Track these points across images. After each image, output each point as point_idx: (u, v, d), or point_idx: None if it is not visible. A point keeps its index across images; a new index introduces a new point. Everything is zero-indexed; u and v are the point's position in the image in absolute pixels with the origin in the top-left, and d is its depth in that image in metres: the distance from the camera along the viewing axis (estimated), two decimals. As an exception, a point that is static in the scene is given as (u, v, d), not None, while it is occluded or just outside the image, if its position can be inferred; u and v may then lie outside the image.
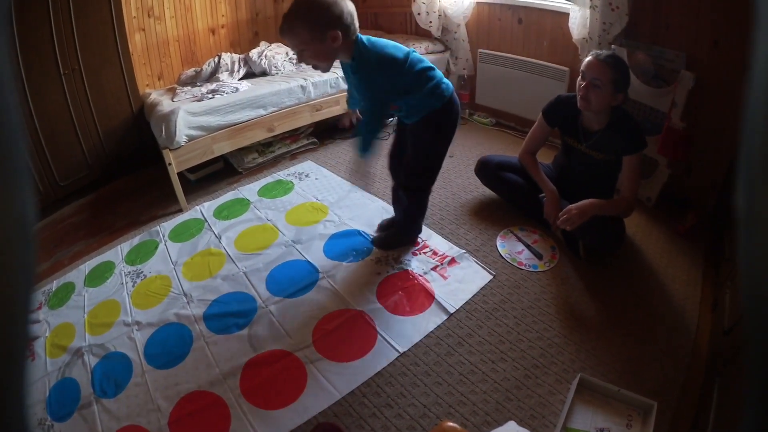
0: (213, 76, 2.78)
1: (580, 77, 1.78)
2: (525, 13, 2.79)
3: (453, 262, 1.93)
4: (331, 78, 2.76)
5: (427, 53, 3.12)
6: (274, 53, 2.94)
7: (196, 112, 2.31)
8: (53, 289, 1.93)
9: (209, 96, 2.45)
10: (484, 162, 2.24)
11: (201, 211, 2.37)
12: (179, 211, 2.40)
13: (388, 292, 1.80)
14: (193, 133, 2.32)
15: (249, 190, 2.54)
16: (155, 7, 2.65)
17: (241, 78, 2.80)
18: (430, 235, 2.09)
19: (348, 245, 2.06)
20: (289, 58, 2.99)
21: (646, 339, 1.57)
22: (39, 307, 1.84)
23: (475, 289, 1.80)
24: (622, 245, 1.88)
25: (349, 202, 2.37)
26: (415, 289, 1.81)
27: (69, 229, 2.31)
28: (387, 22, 3.64)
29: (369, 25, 3.67)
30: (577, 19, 2.38)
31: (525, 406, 1.38)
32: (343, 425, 1.34)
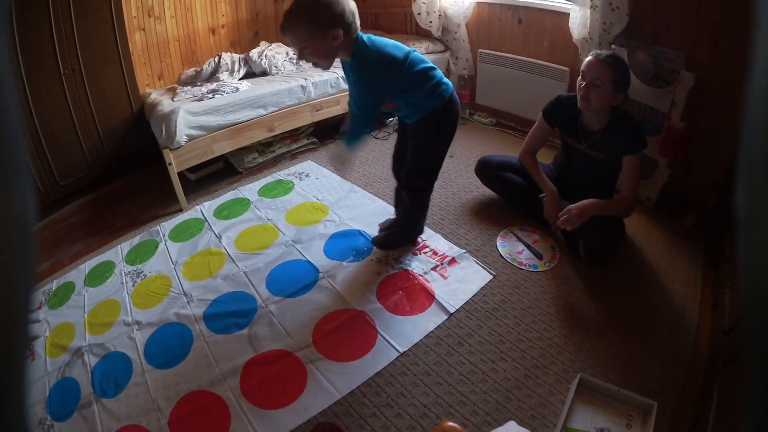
0: (213, 76, 2.78)
1: (580, 77, 1.78)
2: (525, 13, 2.79)
3: (453, 262, 1.93)
4: (331, 78, 2.76)
5: (427, 53, 3.12)
6: (275, 53, 2.94)
7: (197, 112, 2.31)
8: (53, 288, 1.93)
9: (209, 96, 2.45)
10: (484, 162, 2.24)
11: (201, 211, 2.38)
12: (179, 210, 2.40)
13: (389, 292, 1.81)
14: (194, 132, 2.33)
15: (249, 189, 2.54)
16: (155, 7, 2.65)
17: (242, 78, 2.80)
18: (430, 235, 2.09)
19: (348, 245, 2.06)
20: (290, 58, 2.99)
21: (646, 339, 1.57)
22: (39, 307, 1.84)
23: (475, 289, 1.80)
24: (622, 245, 1.88)
25: (350, 202, 2.37)
26: (415, 289, 1.81)
27: (69, 229, 2.31)
28: (387, 22, 3.64)
29: (369, 25, 3.67)
30: (577, 19, 2.38)
31: (525, 406, 1.38)
32: (343, 425, 1.34)
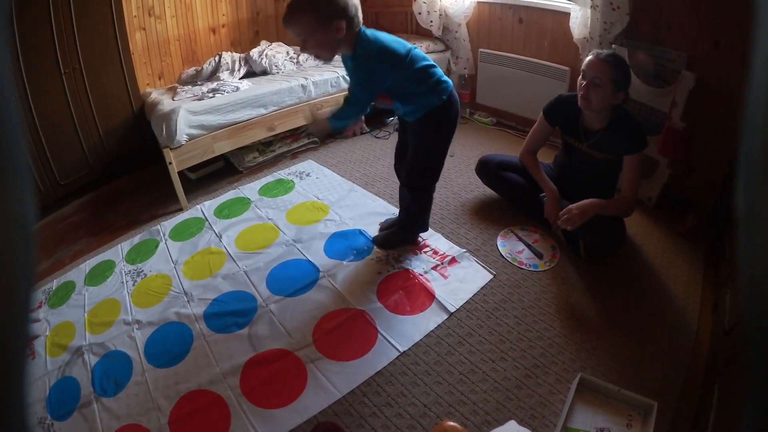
0: (213, 75, 2.78)
1: (580, 76, 1.78)
2: (526, 12, 2.79)
3: (453, 262, 1.93)
4: (331, 77, 2.76)
5: (427, 53, 3.11)
6: (275, 52, 2.94)
7: (197, 111, 2.31)
8: (53, 288, 1.93)
9: (210, 95, 2.45)
10: (484, 161, 2.24)
11: (201, 210, 2.38)
12: (180, 210, 2.40)
13: (389, 291, 1.81)
14: (194, 132, 2.33)
15: (250, 189, 2.54)
16: (156, 6, 2.65)
17: (242, 77, 2.81)
18: (430, 235, 2.08)
19: (348, 244, 2.06)
20: (290, 58, 2.99)
21: (646, 339, 1.56)
22: (39, 306, 1.84)
23: (475, 289, 1.80)
24: (622, 245, 1.87)
25: (350, 201, 2.37)
26: (415, 289, 1.81)
27: (69, 228, 2.31)
28: (388, 22, 3.63)
29: (370, 24, 3.60)
30: (578, 18, 2.38)
31: (525, 406, 1.38)
32: (343, 424, 1.34)
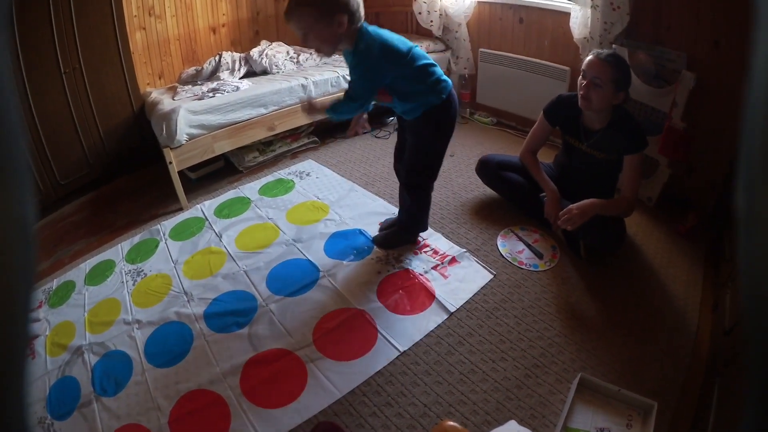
0: (214, 75, 2.78)
1: (581, 76, 1.78)
2: (526, 12, 2.78)
3: (454, 262, 1.93)
4: (332, 77, 2.76)
5: (428, 52, 3.09)
6: (275, 52, 2.94)
7: (197, 111, 2.31)
8: (53, 287, 1.93)
9: (210, 95, 2.45)
10: (484, 161, 2.24)
11: (202, 210, 2.38)
12: (180, 209, 2.40)
13: (389, 291, 1.81)
14: (194, 131, 2.33)
15: (250, 188, 2.54)
16: (156, 6, 2.65)
17: (242, 77, 2.80)
18: (430, 234, 2.08)
19: (348, 244, 2.06)
20: (290, 57, 2.99)
21: (646, 339, 1.56)
22: (39, 306, 1.84)
23: (475, 289, 1.80)
24: (622, 245, 1.87)
25: (350, 201, 2.37)
26: (415, 288, 1.81)
27: (69, 228, 2.31)
28: (388, 21, 3.62)
29: (370, 23, 3.66)
30: (578, 18, 2.38)
31: (525, 406, 1.38)
32: (343, 424, 1.34)
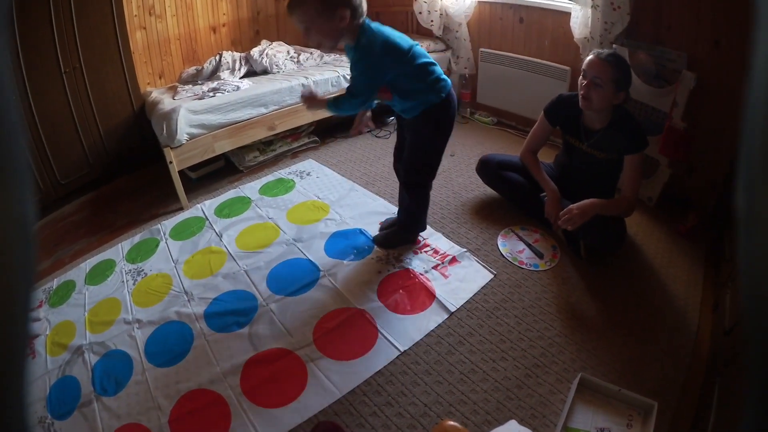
0: (214, 75, 2.78)
1: (581, 76, 1.78)
2: (526, 12, 2.78)
3: (454, 261, 1.93)
4: (332, 76, 2.76)
5: (428, 52, 3.10)
6: (276, 51, 2.94)
7: (197, 111, 2.31)
8: (54, 287, 1.94)
9: (210, 94, 2.45)
10: (485, 161, 2.24)
11: (202, 210, 2.38)
12: (180, 209, 2.40)
13: (389, 290, 1.81)
14: (194, 131, 2.33)
15: (250, 188, 2.54)
16: (156, 6, 2.65)
17: (243, 76, 2.80)
18: (431, 234, 2.08)
19: (349, 244, 2.06)
20: (290, 57, 2.99)
21: (646, 339, 1.56)
22: (39, 305, 1.84)
23: (476, 288, 1.80)
24: (623, 245, 1.87)
25: (350, 200, 2.37)
26: (415, 288, 1.81)
27: (70, 228, 2.31)
28: (388, 21, 3.57)
29: (370, 23, 3.66)
30: (578, 18, 2.37)
31: (526, 406, 1.38)
32: (343, 424, 1.35)
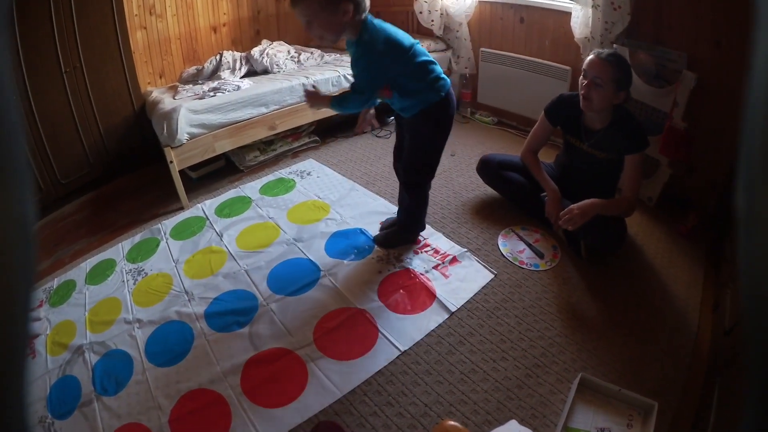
0: (214, 74, 2.78)
1: (582, 76, 1.78)
2: (527, 12, 2.78)
3: (454, 261, 1.93)
4: (333, 76, 2.76)
5: (429, 52, 3.10)
6: (276, 51, 2.94)
7: (198, 110, 2.31)
8: (54, 286, 1.94)
9: (211, 94, 2.45)
10: (485, 161, 2.24)
11: (202, 209, 2.38)
12: (180, 209, 2.40)
13: (390, 290, 1.81)
14: (195, 131, 2.33)
15: (251, 188, 2.54)
16: (157, 5, 2.65)
17: (243, 76, 2.80)
18: (431, 234, 2.08)
19: (349, 243, 2.06)
20: (291, 57, 2.99)
21: (647, 339, 1.56)
22: (40, 305, 1.84)
23: (476, 288, 1.80)
24: (623, 245, 1.87)
25: (351, 200, 2.37)
26: (416, 288, 1.81)
27: (70, 227, 2.31)
28: (389, 21, 3.57)
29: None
30: (579, 18, 2.37)
31: (526, 405, 1.38)
32: (344, 424, 1.35)
